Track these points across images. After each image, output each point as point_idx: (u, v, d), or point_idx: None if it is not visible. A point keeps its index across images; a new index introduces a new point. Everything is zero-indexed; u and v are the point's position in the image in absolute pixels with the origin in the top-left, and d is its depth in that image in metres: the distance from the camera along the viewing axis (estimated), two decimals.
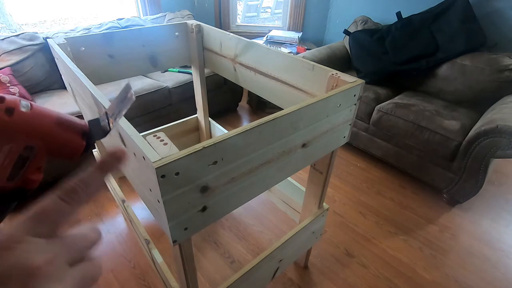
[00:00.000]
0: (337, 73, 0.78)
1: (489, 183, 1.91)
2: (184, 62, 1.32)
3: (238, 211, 1.64)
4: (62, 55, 0.87)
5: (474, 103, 1.83)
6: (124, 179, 1.73)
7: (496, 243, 1.50)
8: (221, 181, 0.57)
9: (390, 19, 2.19)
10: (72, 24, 3.65)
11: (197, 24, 1.20)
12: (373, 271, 1.35)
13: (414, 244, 1.48)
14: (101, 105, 0.62)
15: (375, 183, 1.87)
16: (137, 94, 1.87)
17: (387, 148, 1.87)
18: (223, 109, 2.54)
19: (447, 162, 1.62)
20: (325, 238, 1.50)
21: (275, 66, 0.94)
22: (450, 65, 1.89)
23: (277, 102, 1.00)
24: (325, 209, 1.10)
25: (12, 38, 1.86)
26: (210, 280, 1.31)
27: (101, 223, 1.54)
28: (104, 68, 1.09)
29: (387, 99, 1.93)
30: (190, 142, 1.66)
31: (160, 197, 0.49)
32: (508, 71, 1.70)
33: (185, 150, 0.48)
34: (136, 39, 1.13)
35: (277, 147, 0.64)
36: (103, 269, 1.32)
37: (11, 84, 1.71)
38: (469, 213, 1.67)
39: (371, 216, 1.64)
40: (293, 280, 1.31)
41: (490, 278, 1.34)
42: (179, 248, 0.64)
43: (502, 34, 1.91)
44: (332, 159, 0.93)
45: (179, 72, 2.20)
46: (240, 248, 1.44)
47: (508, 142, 1.37)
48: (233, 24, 3.08)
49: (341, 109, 0.75)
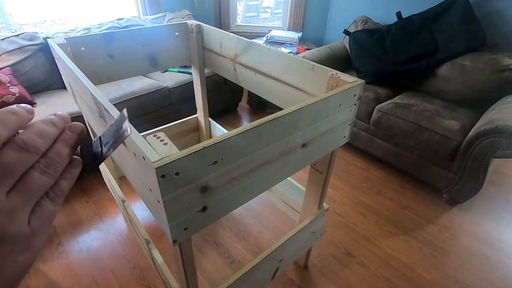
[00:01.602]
0: (337, 73, 0.77)
1: (489, 183, 1.91)
2: (184, 62, 1.32)
3: (238, 211, 1.64)
4: (62, 55, 0.86)
5: (474, 103, 1.83)
6: (124, 179, 1.73)
7: (496, 243, 1.50)
8: (221, 181, 0.57)
9: (390, 19, 2.19)
10: (72, 24, 3.65)
11: (197, 24, 1.20)
12: (373, 271, 1.35)
13: (414, 244, 1.48)
14: (101, 105, 0.62)
15: (375, 183, 1.87)
16: (137, 94, 1.88)
17: (387, 148, 1.87)
18: (223, 109, 2.54)
19: (447, 162, 1.62)
20: (325, 238, 1.50)
21: (275, 66, 0.94)
22: (450, 65, 1.89)
23: (277, 102, 1.00)
24: (325, 209, 1.10)
25: (12, 38, 1.87)
26: (210, 280, 1.31)
27: (101, 223, 1.54)
28: (104, 68, 1.09)
29: (387, 99, 1.93)
30: (190, 142, 1.66)
31: (160, 197, 0.49)
32: (508, 71, 1.70)
33: (185, 150, 0.48)
34: (136, 39, 1.13)
35: (277, 147, 0.64)
36: (103, 269, 1.32)
37: (11, 84, 1.71)
38: (469, 213, 1.67)
39: (371, 216, 1.64)
40: (293, 280, 1.31)
41: (490, 278, 1.34)
42: (179, 248, 0.64)
43: (502, 34, 1.91)
44: (332, 159, 0.93)
45: (179, 72, 2.20)
46: (240, 248, 1.44)
47: (508, 142, 1.37)
48: (233, 24, 3.08)
49: (341, 109, 0.75)
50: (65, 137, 0.26)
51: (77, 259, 1.37)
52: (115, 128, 0.28)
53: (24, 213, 0.22)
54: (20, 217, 0.21)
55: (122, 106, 1.81)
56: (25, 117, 0.23)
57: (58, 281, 1.27)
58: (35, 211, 0.23)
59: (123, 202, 1.21)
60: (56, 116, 0.26)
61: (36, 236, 0.23)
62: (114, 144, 0.28)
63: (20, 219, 0.21)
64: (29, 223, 0.22)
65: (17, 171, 0.21)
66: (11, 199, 0.21)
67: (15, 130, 0.22)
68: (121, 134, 0.27)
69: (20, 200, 0.21)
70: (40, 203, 0.23)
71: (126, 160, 0.61)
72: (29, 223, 0.22)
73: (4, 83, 1.69)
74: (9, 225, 0.21)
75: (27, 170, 0.22)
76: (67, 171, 0.25)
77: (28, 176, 0.22)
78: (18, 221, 0.21)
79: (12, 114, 0.23)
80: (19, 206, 0.21)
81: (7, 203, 0.21)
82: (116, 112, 0.59)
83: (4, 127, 0.21)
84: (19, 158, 0.21)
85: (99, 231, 1.50)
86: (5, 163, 0.21)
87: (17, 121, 0.23)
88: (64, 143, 0.25)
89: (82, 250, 1.41)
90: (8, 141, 0.22)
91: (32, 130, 0.23)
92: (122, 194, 1.25)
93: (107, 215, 1.59)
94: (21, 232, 0.21)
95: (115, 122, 0.28)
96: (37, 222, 0.23)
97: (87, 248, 1.42)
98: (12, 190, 0.21)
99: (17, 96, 1.68)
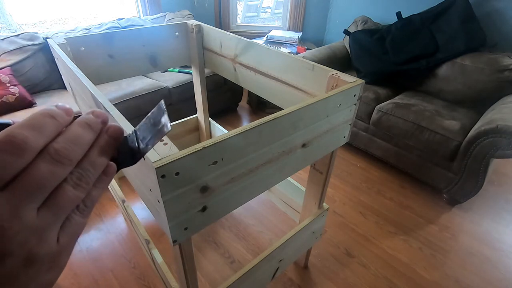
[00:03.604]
0: (337, 73, 0.77)
1: (489, 183, 1.91)
2: (184, 62, 1.32)
3: (238, 211, 1.64)
4: (62, 55, 0.86)
5: (474, 103, 1.83)
6: (124, 179, 1.73)
7: (496, 243, 1.50)
8: (221, 181, 0.57)
9: (390, 19, 2.19)
10: (72, 24, 3.65)
11: (197, 24, 1.20)
12: (373, 271, 1.35)
13: (414, 244, 1.48)
14: (102, 105, 0.62)
15: (375, 183, 1.87)
16: (137, 94, 1.88)
17: (387, 148, 1.87)
18: (223, 109, 2.54)
19: (447, 162, 1.62)
20: (325, 238, 1.50)
21: (275, 66, 0.94)
22: (450, 65, 1.89)
23: (277, 102, 1.00)
24: (325, 209, 1.10)
25: (12, 38, 1.87)
26: (210, 280, 1.31)
27: (101, 223, 1.54)
28: (104, 68, 1.09)
29: (387, 99, 1.93)
30: (190, 142, 1.66)
31: (160, 197, 0.49)
32: (508, 71, 1.70)
33: (185, 150, 0.48)
34: (136, 39, 1.13)
35: (277, 147, 0.64)
36: (103, 269, 1.33)
37: (11, 84, 1.71)
38: (469, 213, 1.67)
39: (371, 216, 1.64)
40: (293, 280, 1.31)
41: (490, 278, 1.34)
42: (179, 248, 0.64)
43: (502, 34, 1.91)
44: (332, 159, 0.93)
45: (179, 72, 2.20)
46: (240, 248, 1.44)
47: (508, 142, 1.37)
48: (233, 24, 3.08)
49: (341, 109, 0.75)
50: (101, 143, 0.23)
51: (77, 259, 1.37)
52: (152, 122, 0.25)
53: (54, 231, 0.20)
54: (50, 236, 0.20)
55: (122, 106, 1.81)
56: (64, 120, 0.21)
57: (58, 281, 1.27)
58: (64, 226, 0.21)
59: (123, 202, 1.21)
60: (94, 115, 0.23)
61: (64, 252, 0.21)
62: (153, 140, 0.25)
63: (50, 238, 0.20)
64: (58, 240, 0.20)
65: (49, 186, 0.19)
66: (41, 217, 0.19)
67: (52, 137, 0.20)
68: (160, 129, 0.24)
69: (51, 217, 0.19)
70: (69, 217, 0.21)
71: None
72: (58, 241, 0.20)
73: (4, 83, 1.69)
74: (38, 245, 0.19)
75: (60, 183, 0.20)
76: (99, 180, 0.23)
77: (60, 191, 0.20)
78: (48, 241, 0.19)
79: (50, 118, 0.20)
80: (50, 224, 0.19)
81: (37, 221, 0.19)
82: (116, 112, 0.59)
83: (40, 134, 0.19)
84: (52, 172, 0.19)
85: (99, 231, 1.50)
86: (36, 177, 0.18)
87: (55, 126, 0.20)
88: (100, 150, 0.23)
89: (82, 250, 1.41)
90: (42, 150, 0.19)
91: (67, 137, 0.21)
92: (122, 194, 1.25)
93: (107, 215, 1.59)
94: (50, 251, 0.20)
95: (152, 115, 0.26)
96: (66, 239, 0.21)
97: (87, 248, 1.42)
98: (43, 206, 0.19)
99: (17, 96, 1.68)
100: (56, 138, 0.20)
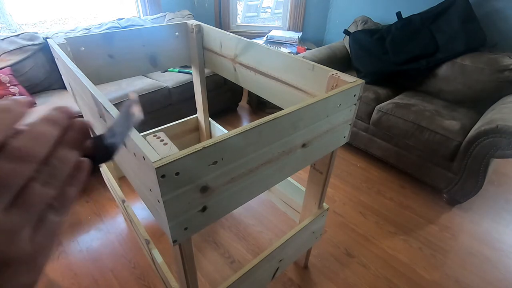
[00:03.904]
0: (337, 73, 0.78)
1: (489, 183, 1.91)
2: (184, 62, 1.32)
3: (238, 211, 1.64)
4: (62, 55, 0.87)
5: (474, 103, 1.83)
6: (124, 179, 1.73)
7: (496, 243, 1.50)
8: (221, 181, 0.57)
9: (390, 19, 2.19)
10: (72, 24, 3.65)
11: (197, 24, 1.20)
12: (373, 271, 1.35)
13: (414, 244, 1.48)
14: (101, 105, 0.62)
15: (375, 183, 1.87)
16: (137, 94, 1.87)
17: (387, 148, 1.87)
18: (223, 109, 2.54)
19: (447, 162, 1.62)
20: (325, 238, 1.50)
21: (275, 66, 0.94)
22: (450, 65, 1.89)
23: (277, 102, 1.00)
24: (325, 209, 1.10)
25: (12, 38, 1.87)
26: (210, 280, 1.31)
27: (101, 223, 1.54)
28: (104, 68, 1.09)
29: (387, 99, 1.93)
30: (190, 142, 1.66)
31: (160, 197, 0.49)
32: (508, 71, 1.70)
33: (185, 150, 0.48)
34: (136, 39, 1.13)
35: (277, 147, 0.64)
36: (102, 269, 1.32)
37: (11, 84, 1.71)
38: (469, 213, 1.67)
39: (371, 216, 1.64)
40: (293, 280, 1.31)
41: (490, 278, 1.34)
42: (179, 248, 0.64)
43: (502, 34, 1.91)
44: (332, 159, 0.93)
45: (179, 72, 2.20)
46: (240, 248, 1.44)
47: (508, 142, 1.37)
48: (233, 24, 3.08)
49: (341, 109, 0.75)
50: (69, 138, 0.22)
51: (77, 259, 1.37)
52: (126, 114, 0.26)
53: (26, 231, 0.19)
54: (22, 237, 0.19)
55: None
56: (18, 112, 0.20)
57: (58, 281, 1.27)
58: (38, 226, 0.20)
59: (123, 202, 1.21)
60: (58, 111, 0.22)
61: (41, 253, 0.20)
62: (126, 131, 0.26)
63: (22, 238, 0.19)
64: (32, 240, 0.20)
65: (14, 185, 0.18)
66: (10, 217, 0.18)
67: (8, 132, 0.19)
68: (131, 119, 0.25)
69: (21, 217, 0.19)
70: (43, 217, 0.20)
71: (126, 160, 0.61)
72: (32, 241, 0.20)
73: (4, 83, 1.69)
74: (10, 247, 0.18)
75: (27, 182, 0.19)
76: (73, 177, 0.22)
77: (28, 189, 0.19)
78: (20, 241, 0.19)
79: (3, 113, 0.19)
80: (20, 224, 0.19)
81: (6, 222, 0.18)
82: (116, 112, 0.59)
83: None
84: (14, 170, 0.18)
85: (99, 231, 1.50)
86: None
87: (10, 121, 0.19)
88: (69, 145, 0.22)
89: (82, 250, 1.41)
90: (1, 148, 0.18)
91: (28, 134, 0.20)
92: (122, 194, 1.25)
93: (107, 215, 1.59)
94: (24, 253, 0.19)
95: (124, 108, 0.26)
96: (41, 238, 0.20)
97: (87, 248, 1.42)
98: (11, 206, 0.18)
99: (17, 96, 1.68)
100: (17, 136, 0.19)
